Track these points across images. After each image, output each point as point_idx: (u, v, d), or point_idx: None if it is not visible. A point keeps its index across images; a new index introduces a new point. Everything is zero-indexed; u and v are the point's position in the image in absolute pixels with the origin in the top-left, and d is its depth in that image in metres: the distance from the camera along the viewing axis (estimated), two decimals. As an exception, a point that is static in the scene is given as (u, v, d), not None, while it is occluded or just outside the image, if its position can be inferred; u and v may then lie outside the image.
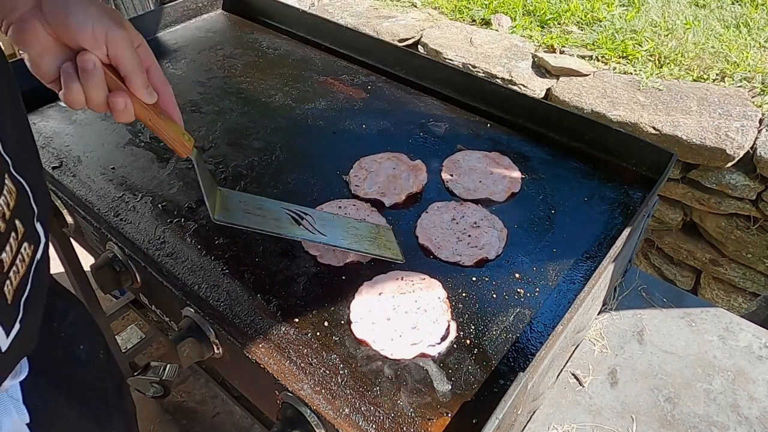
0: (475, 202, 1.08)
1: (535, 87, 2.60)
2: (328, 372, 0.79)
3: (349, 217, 1.01)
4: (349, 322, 0.86)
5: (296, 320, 0.86)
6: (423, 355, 0.82)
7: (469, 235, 1.00)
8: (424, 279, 0.93)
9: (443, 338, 0.84)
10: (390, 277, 0.93)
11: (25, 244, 0.58)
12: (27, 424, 0.65)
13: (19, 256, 0.57)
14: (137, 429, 0.99)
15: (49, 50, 0.66)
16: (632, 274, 1.19)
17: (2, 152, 0.55)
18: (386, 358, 0.82)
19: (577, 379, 1.02)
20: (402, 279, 0.93)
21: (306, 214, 0.96)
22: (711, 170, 2.28)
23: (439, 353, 0.82)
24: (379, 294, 0.90)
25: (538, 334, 0.85)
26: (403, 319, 0.86)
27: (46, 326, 0.78)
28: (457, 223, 1.02)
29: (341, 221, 0.98)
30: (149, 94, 0.71)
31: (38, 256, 0.61)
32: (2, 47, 0.61)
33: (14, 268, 0.56)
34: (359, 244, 0.93)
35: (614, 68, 2.67)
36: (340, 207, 1.04)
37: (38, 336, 0.63)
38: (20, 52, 0.68)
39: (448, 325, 0.86)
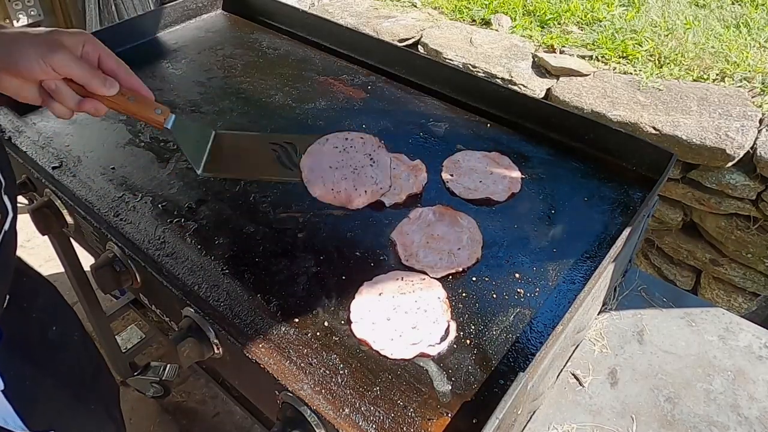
0: (475, 202, 1.08)
1: (535, 87, 2.60)
2: (328, 372, 0.79)
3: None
4: (349, 322, 0.86)
5: (296, 320, 0.86)
6: (423, 355, 0.82)
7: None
8: (424, 279, 0.93)
9: (443, 338, 0.84)
10: (390, 277, 0.93)
11: None
12: (2, 391, 0.66)
13: None
14: (119, 409, 1.00)
15: (23, 86, 0.77)
16: (632, 274, 1.19)
17: None
18: (386, 357, 0.81)
19: (577, 379, 1.02)
20: (402, 279, 0.93)
21: (286, 142, 1.00)
22: (711, 170, 2.28)
23: (439, 353, 0.82)
24: (379, 294, 0.90)
25: (538, 334, 0.85)
26: (403, 319, 0.86)
27: (17, 305, 0.81)
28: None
29: (313, 140, 1.01)
30: (108, 89, 0.80)
31: (6, 227, 0.66)
32: None
33: None
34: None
35: (614, 68, 2.67)
36: (347, 139, 1.05)
37: (5, 301, 0.66)
38: None
39: (448, 325, 0.85)
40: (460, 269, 0.94)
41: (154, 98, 0.87)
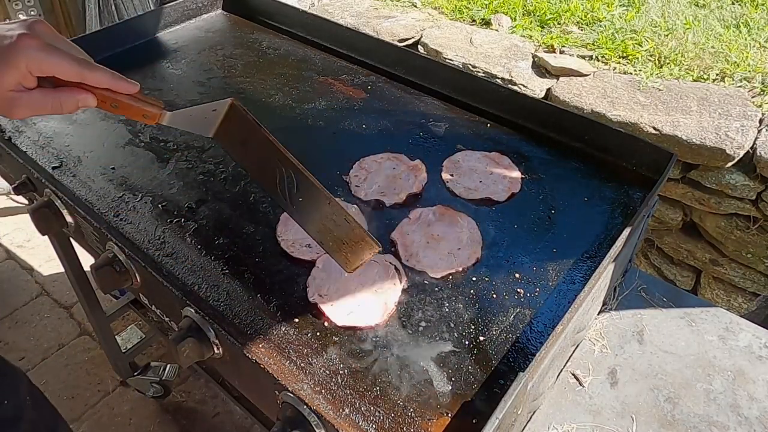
0: (475, 202, 1.08)
1: (535, 87, 2.60)
2: (328, 372, 0.79)
3: (340, 202, 0.88)
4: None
5: (296, 320, 0.86)
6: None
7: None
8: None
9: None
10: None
11: None
12: None
13: None
14: None
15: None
16: (632, 274, 1.19)
17: None
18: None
19: (577, 379, 1.02)
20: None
21: (295, 174, 0.85)
22: (711, 170, 2.28)
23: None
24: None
25: (538, 334, 0.85)
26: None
27: None
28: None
29: (323, 202, 0.83)
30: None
31: None
32: None
33: None
34: (321, 234, 0.84)
35: (614, 68, 2.66)
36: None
37: None
38: None
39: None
40: (460, 269, 0.95)
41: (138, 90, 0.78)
